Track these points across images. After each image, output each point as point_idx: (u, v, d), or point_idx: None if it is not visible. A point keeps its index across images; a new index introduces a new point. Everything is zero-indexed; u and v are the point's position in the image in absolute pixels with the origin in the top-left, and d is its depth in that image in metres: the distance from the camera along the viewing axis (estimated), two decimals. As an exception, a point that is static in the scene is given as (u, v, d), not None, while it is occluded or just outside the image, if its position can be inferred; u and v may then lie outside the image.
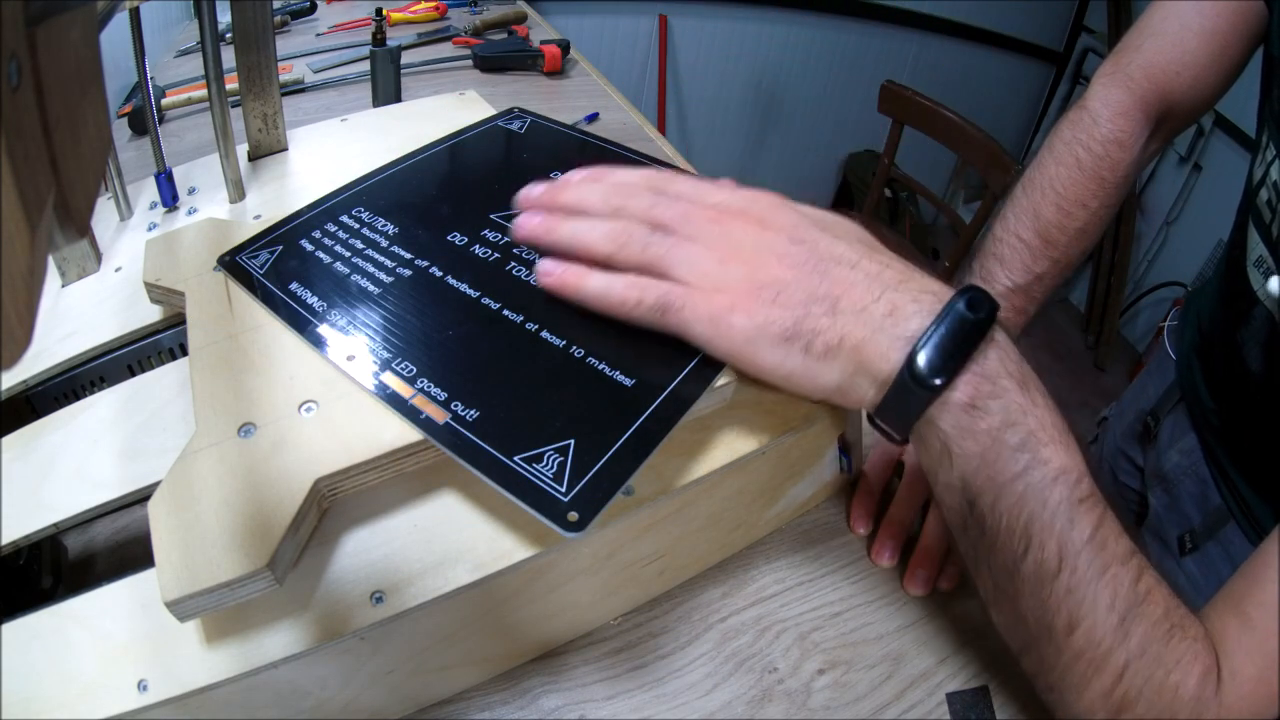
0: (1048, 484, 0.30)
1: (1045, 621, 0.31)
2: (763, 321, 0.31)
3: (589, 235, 0.35)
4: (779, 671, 0.38)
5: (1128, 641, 0.30)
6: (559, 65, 0.98)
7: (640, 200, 0.35)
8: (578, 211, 0.36)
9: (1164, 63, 0.54)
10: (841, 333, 0.30)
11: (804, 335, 0.30)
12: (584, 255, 0.35)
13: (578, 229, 0.35)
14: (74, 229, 0.18)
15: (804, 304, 0.31)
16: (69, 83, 0.18)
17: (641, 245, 0.33)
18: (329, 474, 0.31)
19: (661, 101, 2.09)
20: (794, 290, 0.31)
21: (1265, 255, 0.50)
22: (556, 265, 0.35)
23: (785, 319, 0.31)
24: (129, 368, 0.43)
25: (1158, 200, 2.09)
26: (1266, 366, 0.52)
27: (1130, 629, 0.30)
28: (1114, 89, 0.56)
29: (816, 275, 0.31)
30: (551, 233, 0.36)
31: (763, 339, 0.31)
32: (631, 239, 0.34)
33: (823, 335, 0.30)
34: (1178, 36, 0.54)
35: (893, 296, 0.30)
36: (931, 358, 0.29)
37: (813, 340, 0.30)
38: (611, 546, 0.36)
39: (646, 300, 0.32)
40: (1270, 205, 0.49)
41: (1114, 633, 0.30)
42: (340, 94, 0.88)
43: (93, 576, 0.38)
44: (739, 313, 0.31)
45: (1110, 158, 0.55)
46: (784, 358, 0.31)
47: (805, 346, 0.31)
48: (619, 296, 0.33)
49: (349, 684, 0.32)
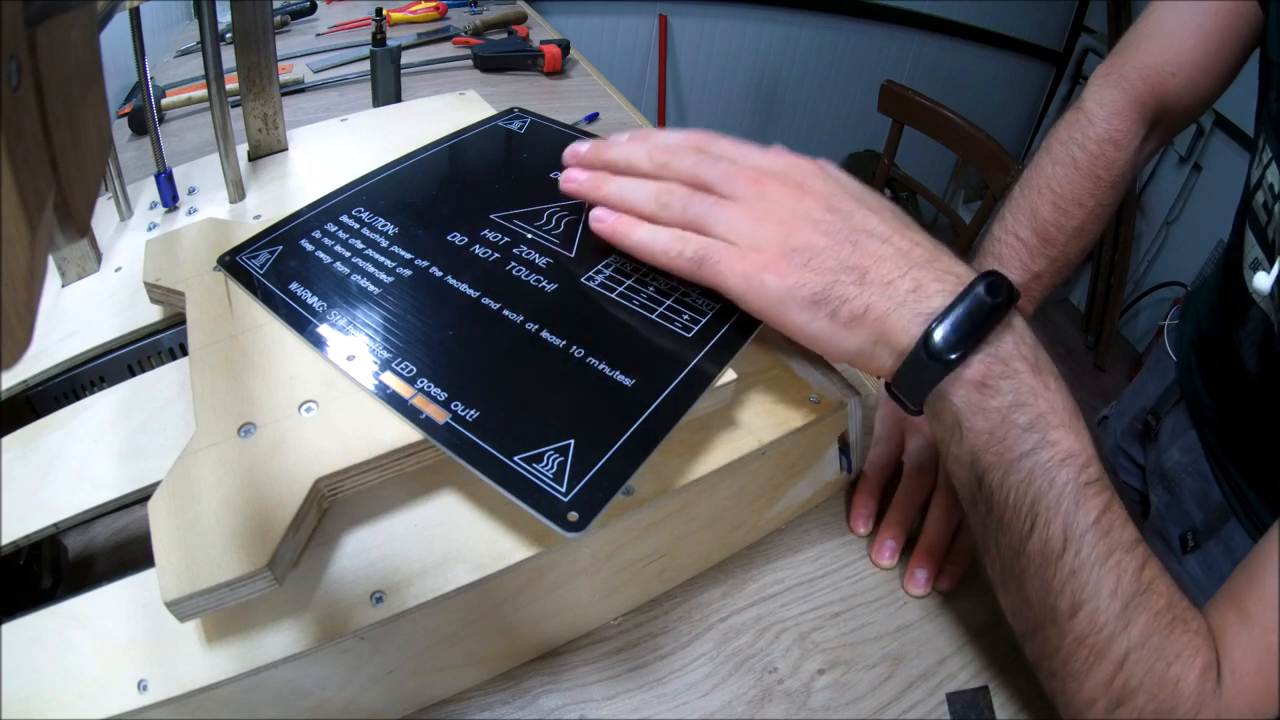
0: (1055, 465, 0.30)
1: (1049, 603, 0.31)
2: (793, 284, 0.32)
3: (634, 194, 0.37)
4: (779, 671, 0.38)
5: (1129, 630, 0.30)
6: (559, 65, 0.98)
7: (684, 160, 0.36)
8: (623, 171, 0.38)
9: (1159, 63, 0.55)
10: (867, 303, 0.31)
11: (831, 301, 0.32)
12: (630, 213, 0.37)
13: (624, 187, 0.37)
14: (74, 229, 0.18)
15: (834, 271, 0.32)
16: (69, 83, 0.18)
17: (683, 205, 0.35)
18: (329, 474, 0.31)
19: (661, 101, 2.09)
20: (825, 257, 0.32)
21: (1261, 257, 0.51)
22: (609, 214, 0.37)
23: (815, 284, 0.32)
24: (129, 368, 0.43)
25: (1158, 200, 2.09)
26: (1262, 367, 0.52)
27: (1132, 617, 0.30)
28: (1109, 89, 0.56)
29: (848, 245, 0.32)
30: (598, 189, 0.38)
31: (792, 301, 0.32)
32: (673, 199, 0.36)
33: (849, 304, 0.32)
34: (1173, 37, 0.54)
35: (918, 274, 0.32)
36: (947, 335, 0.30)
37: (839, 307, 0.32)
38: (611, 546, 0.36)
39: (686, 252, 0.34)
40: (1266, 207, 0.49)
41: (1116, 619, 0.30)
42: (340, 94, 0.88)
43: (93, 576, 0.38)
44: (771, 273, 0.32)
45: (1106, 156, 0.55)
46: (810, 320, 0.32)
47: (832, 312, 0.32)
48: (662, 247, 0.35)
49: (349, 684, 0.32)
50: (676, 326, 0.36)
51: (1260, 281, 0.45)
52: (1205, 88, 0.55)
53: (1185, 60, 0.54)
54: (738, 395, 0.38)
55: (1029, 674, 0.39)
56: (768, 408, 0.38)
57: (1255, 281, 0.45)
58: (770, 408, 0.38)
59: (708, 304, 0.37)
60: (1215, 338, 0.59)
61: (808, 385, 0.40)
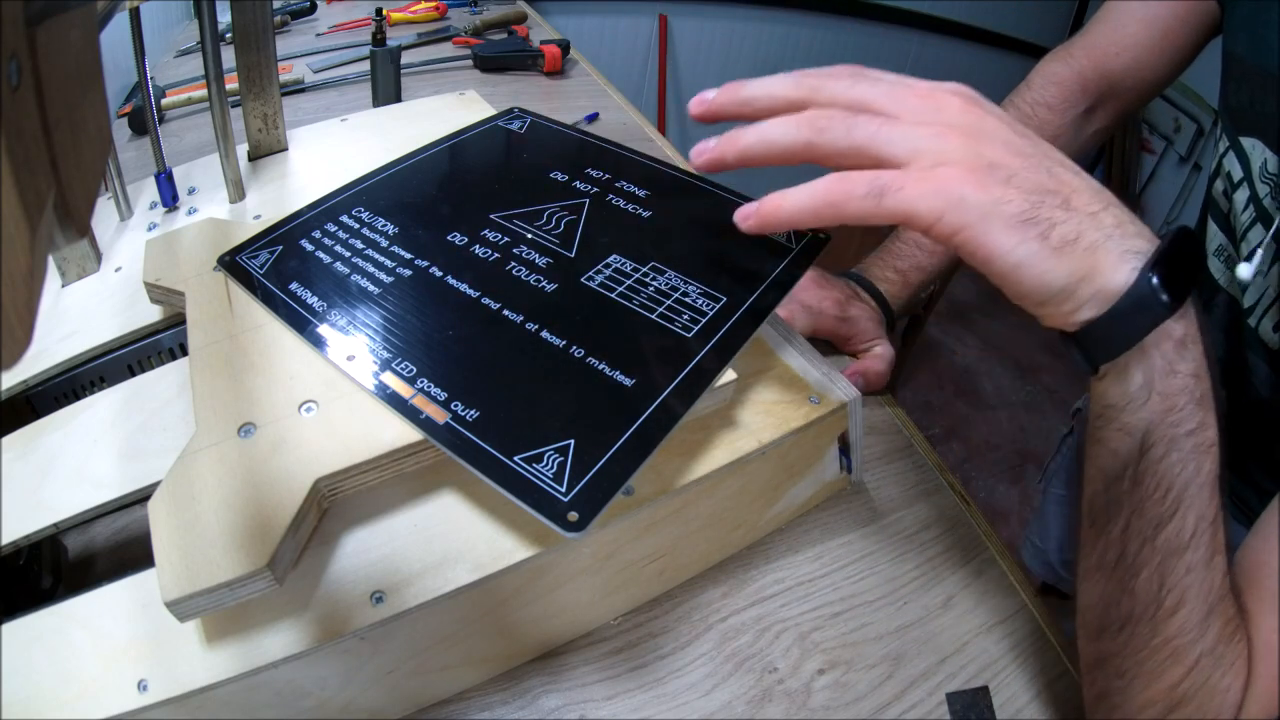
0: (1204, 451, 0.29)
1: (1157, 597, 0.30)
2: (998, 197, 0.27)
3: (781, 131, 0.31)
4: (779, 671, 0.38)
5: (1206, 635, 0.29)
6: (559, 65, 0.98)
7: (839, 82, 0.31)
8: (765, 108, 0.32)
9: (1104, 44, 0.58)
10: (1079, 229, 0.28)
11: (1041, 222, 0.27)
12: (778, 157, 0.31)
13: (766, 128, 0.31)
14: (74, 229, 0.18)
15: (1037, 192, 0.28)
16: (69, 83, 0.18)
17: (846, 126, 0.30)
18: (329, 474, 0.31)
19: (661, 101, 2.09)
20: (1024, 178, 0.28)
21: (1225, 243, 0.53)
22: (749, 206, 0.31)
23: (1021, 201, 0.28)
24: (129, 368, 0.43)
25: (1158, 200, 2.09)
26: (1227, 352, 0.54)
27: (1211, 623, 0.29)
28: (1052, 63, 0.61)
29: (1043, 171, 0.29)
30: (735, 142, 0.32)
31: (997, 217, 0.27)
32: (833, 122, 0.30)
33: (1060, 227, 0.27)
34: (1120, 21, 0.58)
35: (1117, 211, 0.28)
36: (1167, 276, 0.27)
37: (1050, 230, 0.27)
38: (611, 546, 0.36)
39: (857, 190, 0.29)
40: (1226, 195, 0.52)
41: (1200, 624, 0.29)
42: (340, 94, 0.88)
43: (93, 576, 0.38)
44: (970, 186, 0.28)
45: (1038, 118, 0.60)
46: (1018, 243, 0.27)
47: (1042, 234, 0.27)
48: (825, 197, 0.29)
49: (349, 684, 0.32)
50: (676, 326, 0.36)
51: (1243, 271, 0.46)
52: (1151, 69, 0.58)
53: (1130, 42, 0.57)
54: (738, 395, 0.38)
55: (1029, 674, 0.39)
56: (768, 408, 0.38)
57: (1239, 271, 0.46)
58: (770, 408, 0.38)
59: (708, 304, 0.37)
60: None
61: (808, 385, 0.40)
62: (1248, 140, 0.49)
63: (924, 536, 0.45)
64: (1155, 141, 2.08)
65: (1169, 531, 0.29)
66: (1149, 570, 0.30)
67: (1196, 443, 0.29)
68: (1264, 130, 0.47)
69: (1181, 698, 0.30)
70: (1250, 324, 0.50)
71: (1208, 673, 0.29)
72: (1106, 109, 0.60)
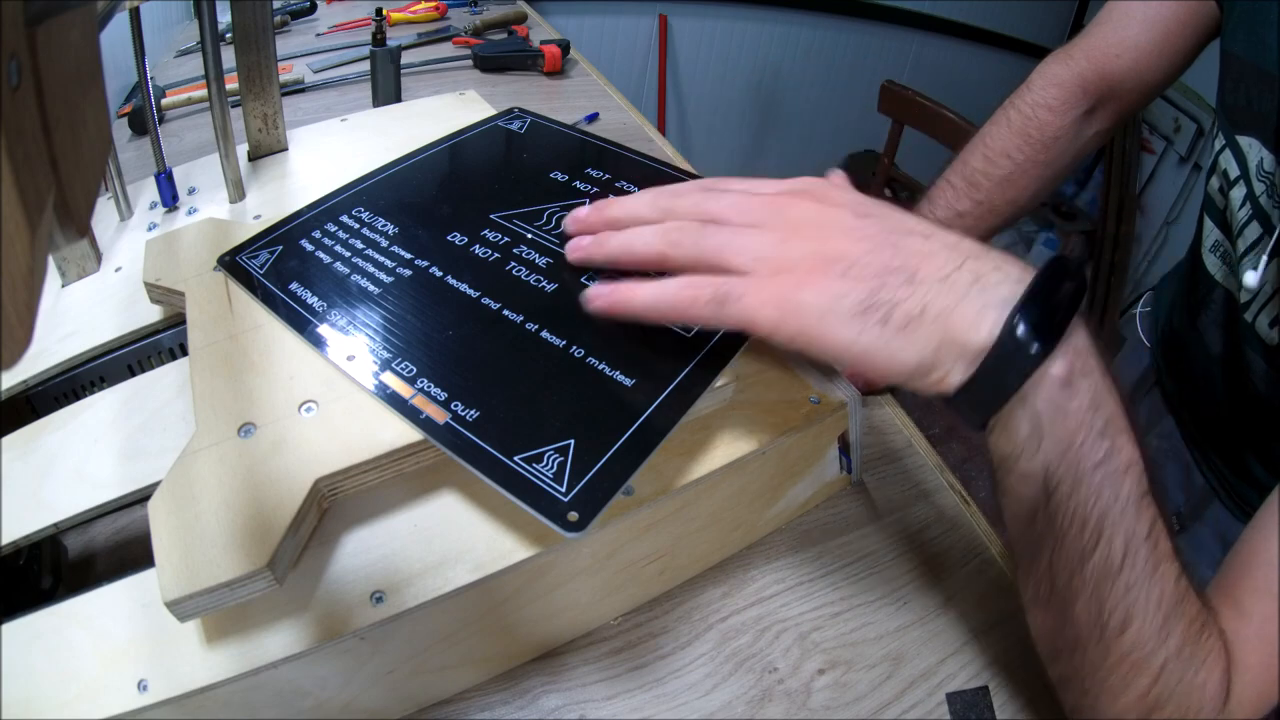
0: (1119, 475, 0.28)
1: (1100, 621, 0.30)
2: (836, 294, 0.28)
3: (640, 241, 0.34)
4: (779, 671, 0.38)
5: (1168, 641, 0.29)
6: (559, 65, 0.98)
7: (689, 199, 0.34)
8: (627, 224, 0.35)
9: (1104, 45, 0.58)
10: (924, 301, 0.28)
11: (881, 306, 0.28)
12: (638, 262, 0.34)
13: (628, 236, 0.34)
14: (74, 229, 0.18)
15: (878, 275, 0.28)
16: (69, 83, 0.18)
17: (694, 239, 0.32)
18: (329, 474, 0.31)
19: (661, 101, 2.09)
20: (865, 264, 0.29)
21: (1220, 239, 0.53)
22: (603, 287, 0.34)
23: (859, 291, 0.28)
24: (129, 368, 0.43)
25: (1158, 200, 2.08)
26: (1225, 348, 0.54)
27: (1171, 628, 0.29)
28: (1053, 64, 0.61)
29: (888, 249, 0.29)
30: (603, 246, 0.35)
31: (835, 314, 0.28)
32: (684, 234, 0.32)
33: (903, 305, 0.28)
34: (1120, 23, 0.58)
35: (975, 265, 0.28)
36: (1035, 321, 0.26)
37: (891, 311, 0.28)
38: (611, 546, 0.36)
39: (702, 296, 0.30)
40: (1222, 191, 0.52)
41: (1158, 633, 0.29)
42: (340, 94, 0.88)
43: (93, 576, 0.37)
44: (808, 289, 0.29)
45: (1038, 118, 0.60)
46: (858, 333, 0.28)
47: (883, 318, 0.28)
48: (671, 300, 0.31)
49: (349, 684, 0.32)
50: (676, 326, 0.36)
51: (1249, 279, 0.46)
52: (1151, 70, 0.57)
53: (1131, 43, 0.57)
54: (738, 395, 0.38)
55: (1029, 674, 0.39)
56: (768, 408, 0.38)
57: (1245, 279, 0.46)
58: (770, 408, 0.38)
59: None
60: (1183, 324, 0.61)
61: (808, 385, 0.40)
62: (1245, 139, 0.49)
63: (924, 536, 0.45)
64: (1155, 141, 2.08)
65: (1095, 560, 0.29)
66: (1084, 599, 0.30)
67: (1107, 471, 0.28)
68: (1261, 129, 0.47)
69: (1156, 702, 0.30)
70: (1247, 319, 0.50)
71: (1179, 674, 0.29)
72: (1107, 110, 0.61)
